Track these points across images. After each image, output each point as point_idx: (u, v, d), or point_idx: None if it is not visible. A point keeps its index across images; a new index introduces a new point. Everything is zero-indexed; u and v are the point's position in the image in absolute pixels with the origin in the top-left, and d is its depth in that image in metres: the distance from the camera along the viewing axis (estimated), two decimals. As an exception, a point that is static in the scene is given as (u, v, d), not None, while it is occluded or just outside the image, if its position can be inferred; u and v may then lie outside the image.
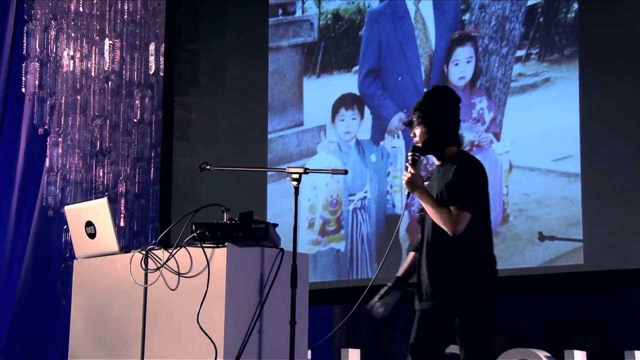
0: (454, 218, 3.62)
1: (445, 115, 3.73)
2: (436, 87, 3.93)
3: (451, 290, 3.64)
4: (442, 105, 3.74)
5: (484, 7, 5.80)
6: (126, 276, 3.94)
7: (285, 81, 6.61)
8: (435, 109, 3.72)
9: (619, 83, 5.26)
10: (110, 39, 7.07)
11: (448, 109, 3.74)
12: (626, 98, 5.23)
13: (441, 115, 3.72)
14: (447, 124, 3.74)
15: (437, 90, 3.86)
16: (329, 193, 6.27)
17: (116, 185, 7.02)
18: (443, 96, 3.78)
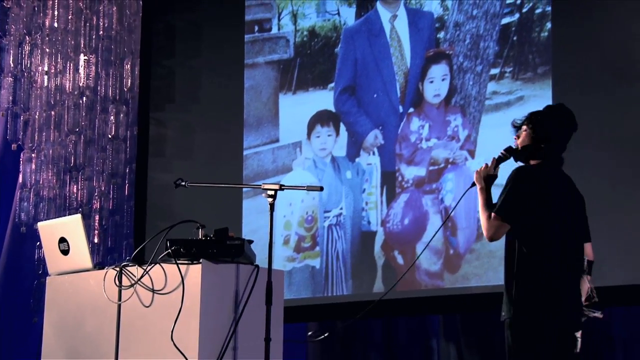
0: (490, 225, 3.56)
1: (556, 133, 3.67)
2: (561, 106, 3.81)
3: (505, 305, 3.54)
4: (559, 123, 3.68)
5: (459, 26, 5.85)
6: (99, 293, 3.91)
7: (261, 97, 6.62)
8: (551, 123, 3.67)
9: (591, 102, 5.32)
10: (85, 55, 7.04)
11: (562, 129, 3.68)
12: (598, 116, 5.29)
13: (552, 131, 3.66)
14: (553, 142, 3.67)
15: (561, 109, 3.77)
16: (304, 209, 6.27)
17: (90, 201, 6.97)
18: (566, 117, 3.72)
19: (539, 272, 3.50)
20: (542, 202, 3.55)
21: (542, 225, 3.54)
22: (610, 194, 5.20)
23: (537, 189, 3.56)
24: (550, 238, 3.54)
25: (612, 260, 5.16)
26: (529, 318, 3.48)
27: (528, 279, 3.50)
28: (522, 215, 3.53)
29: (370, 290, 5.94)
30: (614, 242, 5.16)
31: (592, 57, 5.35)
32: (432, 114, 5.90)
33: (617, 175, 5.20)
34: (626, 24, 5.27)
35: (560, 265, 3.53)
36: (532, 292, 3.48)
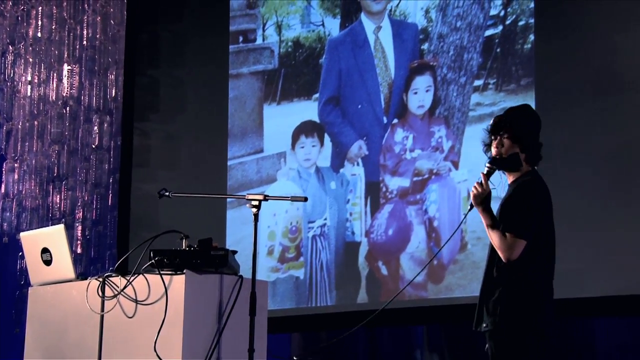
0: (508, 244, 3.47)
1: (535, 134, 3.61)
2: (527, 106, 3.75)
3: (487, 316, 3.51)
4: (533, 124, 3.62)
5: (443, 37, 5.88)
6: (82, 304, 3.89)
7: (245, 108, 6.62)
8: (528, 127, 3.59)
9: (574, 113, 5.36)
10: (68, 64, 7.02)
11: (537, 129, 3.63)
12: (581, 128, 5.32)
13: (532, 134, 3.60)
14: (536, 144, 3.61)
15: (528, 108, 3.71)
16: (288, 220, 6.27)
17: (73, 211, 6.94)
18: (533, 115, 3.66)
19: (532, 283, 3.48)
20: (546, 214, 3.54)
21: (545, 237, 3.53)
22: (592, 205, 5.23)
23: (541, 202, 3.53)
24: (549, 249, 3.55)
25: (594, 272, 5.19)
26: (514, 328, 3.46)
27: (519, 289, 3.47)
28: (536, 231, 3.49)
29: (354, 300, 5.94)
30: (596, 254, 5.19)
31: (575, 70, 5.39)
32: (416, 125, 5.92)
33: (598, 187, 5.23)
34: (607, 37, 5.31)
35: (550, 275, 3.55)
36: (519, 303, 3.46)
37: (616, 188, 5.19)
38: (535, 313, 3.47)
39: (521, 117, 3.62)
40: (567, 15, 5.46)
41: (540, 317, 3.48)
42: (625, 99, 5.22)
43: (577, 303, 5.24)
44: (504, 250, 3.46)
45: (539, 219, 3.50)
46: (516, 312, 3.45)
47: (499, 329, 3.47)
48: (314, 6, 6.45)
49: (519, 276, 3.48)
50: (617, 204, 5.18)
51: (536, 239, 3.49)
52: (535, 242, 3.49)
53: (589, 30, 5.37)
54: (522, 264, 3.48)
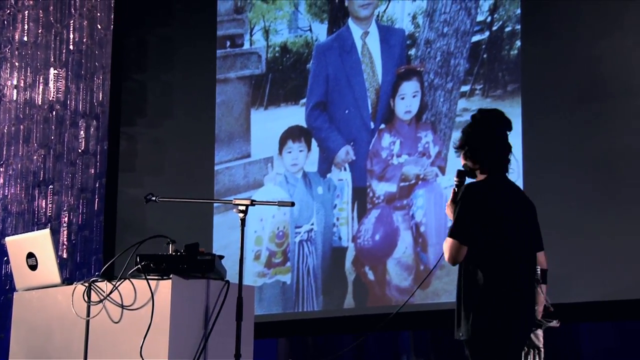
0: (446, 247, 3.48)
1: (488, 140, 3.53)
2: (481, 111, 3.66)
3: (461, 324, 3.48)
4: (487, 129, 3.54)
5: (430, 43, 5.90)
6: (68, 309, 3.87)
7: (232, 113, 6.61)
8: (480, 132, 3.53)
9: (560, 119, 5.38)
10: (55, 69, 7.00)
11: (492, 134, 3.54)
12: (567, 134, 5.35)
13: (484, 140, 3.53)
14: (489, 151, 3.53)
15: (488, 112, 3.63)
16: (275, 225, 6.26)
17: (59, 216, 6.92)
18: (492, 120, 3.57)
19: (493, 288, 3.44)
20: (492, 216, 3.48)
21: (495, 240, 3.47)
22: (577, 211, 5.25)
23: (485, 205, 3.48)
24: (503, 252, 3.47)
25: (579, 277, 5.21)
26: (486, 335, 3.43)
27: (482, 295, 3.44)
28: (476, 235, 3.45)
29: (341, 306, 5.93)
30: (581, 259, 5.21)
31: (561, 76, 5.42)
32: (403, 130, 5.93)
33: (584, 193, 5.26)
34: (593, 43, 5.34)
35: (514, 278, 3.47)
36: (487, 309, 3.43)
37: (602, 194, 5.21)
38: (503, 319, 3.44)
39: (473, 126, 3.56)
40: (554, 22, 5.49)
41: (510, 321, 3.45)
42: (611, 105, 5.25)
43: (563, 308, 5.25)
44: (444, 253, 3.49)
45: (480, 222, 3.45)
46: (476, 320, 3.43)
47: (469, 338, 3.45)
48: (301, 11, 6.46)
49: (476, 283, 3.45)
50: (602, 209, 5.20)
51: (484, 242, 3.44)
52: (484, 244, 3.44)
53: (575, 36, 5.40)
54: (475, 269, 3.45)
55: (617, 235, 5.13)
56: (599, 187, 5.22)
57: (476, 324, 3.41)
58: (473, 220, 3.45)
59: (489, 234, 3.46)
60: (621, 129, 5.20)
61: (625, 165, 5.16)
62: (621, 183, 5.16)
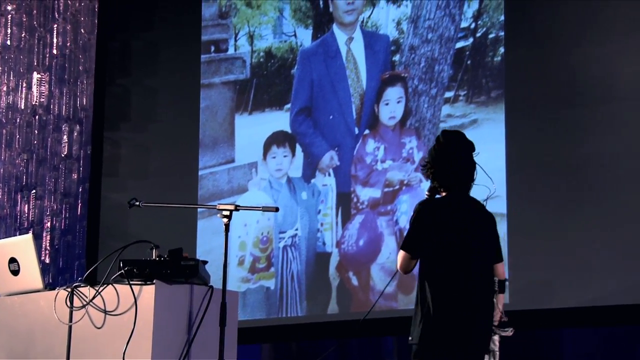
0: (399, 257, 3.70)
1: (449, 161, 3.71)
2: (444, 132, 3.85)
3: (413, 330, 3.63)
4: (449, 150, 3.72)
5: (414, 49, 5.92)
6: (50, 314, 3.85)
7: (216, 118, 6.61)
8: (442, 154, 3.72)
9: (544, 124, 5.41)
10: (38, 73, 6.97)
11: (454, 155, 3.72)
12: (550, 139, 5.38)
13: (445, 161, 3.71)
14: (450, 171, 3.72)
15: (450, 135, 3.81)
16: (259, 230, 6.26)
17: (42, 221, 6.88)
18: (453, 142, 3.74)
19: (442, 298, 3.58)
20: (443, 231, 3.64)
21: (444, 253, 3.62)
22: (561, 216, 5.28)
23: (435, 220, 3.66)
24: (453, 266, 3.61)
25: (562, 283, 5.23)
26: (432, 343, 3.56)
27: (432, 304, 3.58)
28: (424, 247, 3.64)
29: (325, 311, 5.93)
30: (564, 265, 5.23)
31: (544, 82, 5.45)
32: (388, 136, 5.94)
33: (567, 198, 5.28)
34: (576, 50, 5.38)
35: (465, 289, 3.59)
36: (436, 317, 3.56)
37: (584, 199, 5.24)
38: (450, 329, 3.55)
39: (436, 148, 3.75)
40: (537, 29, 5.52)
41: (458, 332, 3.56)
42: (594, 111, 5.28)
43: (544, 314, 5.28)
44: (397, 262, 3.73)
45: (429, 235, 3.63)
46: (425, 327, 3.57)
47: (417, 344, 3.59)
48: (286, 17, 6.46)
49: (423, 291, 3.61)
50: (584, 215, 5.23)
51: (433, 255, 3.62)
52: (433, 257, 3.62)
53: (558, 43, 5.44)
54: (424, 279, 3.62)
55: (599, 241, 5.15)
56: (582, 193, 5.25)
57: (424, 331, 3.55)
58: (423, 233, 3.64)
59: (439, 247, 3.63)
60: (604, 135, 5.23)
61: (609, 170, 5.19)
62: (604, 189, 5.19)
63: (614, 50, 5.26)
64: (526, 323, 5.38)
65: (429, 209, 3.70)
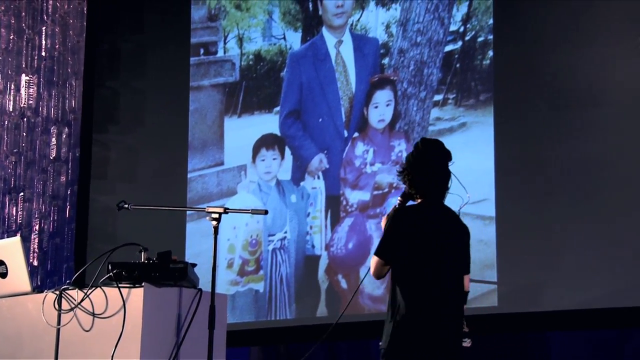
0: (373, 263, 3.70)
1: (428, 169, 3.74)
2: (423, 140, 3.88)
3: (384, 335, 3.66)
4: (428, 159, 3.75)
5: (403, 52, 5.93)
6: (38, 317, 3.84)
7: (206, 120, 6.60)
8: (421, 162, 3.74)
9: (533, 127, 5.43)
10: (26, 75, 6.95)
11: (433, 164, 3.74)
12: (539, 142, 5.39)
13: (424, 169, 3.73)
14: (428, 179, 3.73)
15: (430, 143, 3.84)
16: (248, 233, 6.25)
17: (30, 223, 6.86)
18: (433, 151, 3.78)
19: (411, 305, 3.61)
20: (416, 238, 3.66)
21: (417, 261, 3.64)
22: (550, 219, 5.29)
23: (410, 227, 3.67)
24: (425, 273, 3.64)
25: (550, 286, 5.24)
26: (401, 352, 3.59)
27: (402, 311, 3.62)
28: (397, 254, 3.65)
29: (314, 314, 5.93)
30: (552, 268, 5.24)
31: (533, 85, 5.47)
32: (377, 139, 5.95)
33: (555, 201, 5.30)
34: (565, 53, 5.40)
35: (434, 300, 3.63)
36: (405, 326, 3.60)
37: (573, 202, 5.26)
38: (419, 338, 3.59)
39: (416, 155, 3.78)
40: (526, 32, 5.54)
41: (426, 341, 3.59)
42: (583, 114, 5.31)
43: (532, 317, 5.30)
44: (370, 268, 3.73)
45: (403, 243, 3.64)
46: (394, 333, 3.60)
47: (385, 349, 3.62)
48: (275, 20, 6.47)
49: (395, 297, 3.65)
50: (573, 218, 5.25)
51: (405, 262, 3.64)
52: (406, 264, 3.64)
53: (547, 46, 5.46)
54: (396, 285, 3.66)
55: (587, 244, 5.17)
56: (570, 196, 5.27)
57: (394, 336, 3.59)
58: (397, 240, 3.65)
59: (412, 254, 3.64)
60: (592, 138, 5.26)
61: (598, 173, 5.21)
62: (594, 192, 5.21)
63: (602, 54, 5.28)
64: (514, 326, 5.40)
65: (404, 216, 3.71)
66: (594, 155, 5.24)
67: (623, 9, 5.26)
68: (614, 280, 5.08)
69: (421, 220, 3.69)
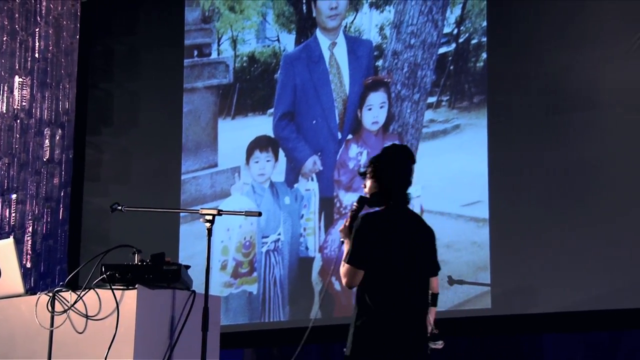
0: (343, 272, 3.69)
1: (396, 174, 3.78)
2: (394, 145, 3.99)
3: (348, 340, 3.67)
4: (397, 164, 3.79)
5: (397, 54, 5.93)
6: (31, 319, 3.83)
7: (199, 122, 6.60)
8: (390, 166, 3.78)
9: (526, 130, 5.44)
10: (20, 77, 6.94)
11: (400, 169, 3.79)
12: (533, 145, 5.40)
13: (393, 174, 3.77)
14: (396, 183, 3.77)
15: (394, 148, 3.94)
16: (242, 235, 6.25)
17: (23, 225, 6.84)
18: (399, 155, 3.83)
19: (381, 311, 3.64)
20: (386, 243, 3.68)
21: (386, 266, 3.67)
22: (544, 222, 5.30)
23: (379, 233, 3.69)
24: (394, 278, 3.67)
25: (543, 288, 5.25)
26: (367, 355, 3.61)
27: (368, 316, 3.64)
28: (369, 259, 3.66)
29: (308, 316, 5.93)
30: (545, 270, 5.25)
31: (526, 87, 5.48)
32: (371, 140, 5.96)
33: (549, 204, 5.31)
34: (558, 56, 5.41)
35: (403, 303, 3.66)
36: (372, 330, 3.62)
37: (567, 205, 5.27)
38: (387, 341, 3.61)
39: (385, 160, 3.81)
40: (519, 34, 5.55)
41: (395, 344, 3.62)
42: (576, 117, 5.32)
43: (526, 319, 5.31)
44: (342, 278, 3.71)
45: (373, 248, 3.66)
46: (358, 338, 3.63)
47: (349, 354, 3.65)
48: (269, 21, 6.47)
49: (363, 303, 3.67)
50: (567, 220, 5.25)
51: (375, 268, 3.66)
52: (375, 270, 3.66)
53: (541, 49, 5.47)
54: (364, 291, 3.67)
55: (580, 246, 5.18)
56: (564, 199, 5.28)
57: (357, 342, 3.62)
58: (367, 246, 3.66)
59: (382, 259, 3.67)
60: (586, 140, 5.27)
61: (591, 176, 5.22)
62: (587, 194, 5.22)
63: (595, 56, 5.30)
64: (508, 328, 5.40)
65: (372, 222, 3.72)
66: (588, 157, 5.25)
67: (616, 11, 5.27)
68: (607, 282, 5.09)
69: (389, 225, 3.72)
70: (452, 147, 5.65)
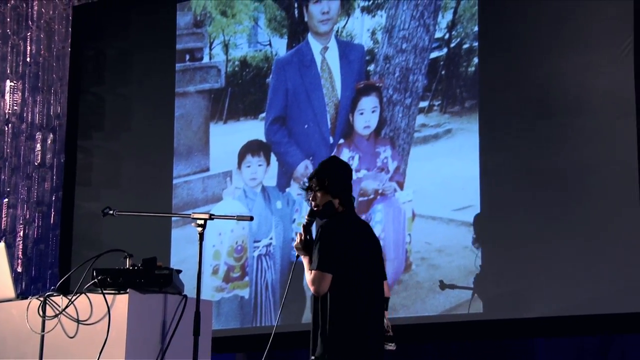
0: (312, 279, 3.74)
1: (342, 183, 3.89)
2: (333, 157, 4.12)
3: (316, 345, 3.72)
4: (342, 173, 3.92)
5: (388, 59, 5.95)
6: (22, 324, 3.82)
7: (191, 126, 6.60)
8: (336, 177, 3.89)
9: (517, 135, 5.45)
10: (11, 81, 6.93)
11: (344, 178, 3.91)
12: (524, 149, 5.42)
13: (339, 181, 3.89)
14: (344, 190, 3.89)
15: (335, 160, 4.06)
16: (233, 239, 6.25)
17: (14, 229, 6.83)
18: (341, 166, 3.97)
19: (349, 314, 3.71)
20: (348, 249, 3.76)
21: (350, 270, 3.74)
22: (536, 226, 5.31)
23: (342, 239, 3.77)
24: (358, 281, 3.75)
25: (534, 293, 5.26)
26: (339, 356, 3.67)
27: (339, 320, 3.70)
28: (336, 264, 3.73)
29: (299, 320, 5.93)
30: (536, 275, 5.26)
31: (518, 92, 5.49)
32: (362, 145, 5.96)
33: (540, 209, 5.32)
34: (550, 61, 5.43)
35: (367, 306, 3.74)
36: (342, 332, 3.68)
37: (558, 210, 5.28)
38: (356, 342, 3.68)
39: (326, 169, 3.93)
40: (511, 39, 5.57)
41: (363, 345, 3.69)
42: (567, 121, 5.33)
43: (517, 324, 5.31)
44: (310, 284, 3.77)
45: (338, 254, 3.74)
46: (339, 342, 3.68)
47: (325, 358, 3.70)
48: (261, 26, 6.47)
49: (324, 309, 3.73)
50: (559, 225, 5.27)
51: (342, 272, 3.73)
52: (342, 275, 3.72)
53: (532, 54, 5.48)
54: (331, 297, 3.72)
55: (571, 251, 5.19)
56: (556, 203, 5.29)
57: (326, 347, 3.68)
58: (334, 251, 3.74)
59: (346, 264, 3.74)
60: (578, 145, 5.28)
61: (583, 180, 5.24)
62: (577, 199, 5.24)
63: (586, 62, 5.32)
64: (499, 333, 5.41)
65: (335, 228, 3.80)
66: (579, 163, 5.26)
67: (607, 16, 5.29)
68: (598, 287, 5.11)
69: (348, 231, 3.82)
70: (443, 152, 5.66)
